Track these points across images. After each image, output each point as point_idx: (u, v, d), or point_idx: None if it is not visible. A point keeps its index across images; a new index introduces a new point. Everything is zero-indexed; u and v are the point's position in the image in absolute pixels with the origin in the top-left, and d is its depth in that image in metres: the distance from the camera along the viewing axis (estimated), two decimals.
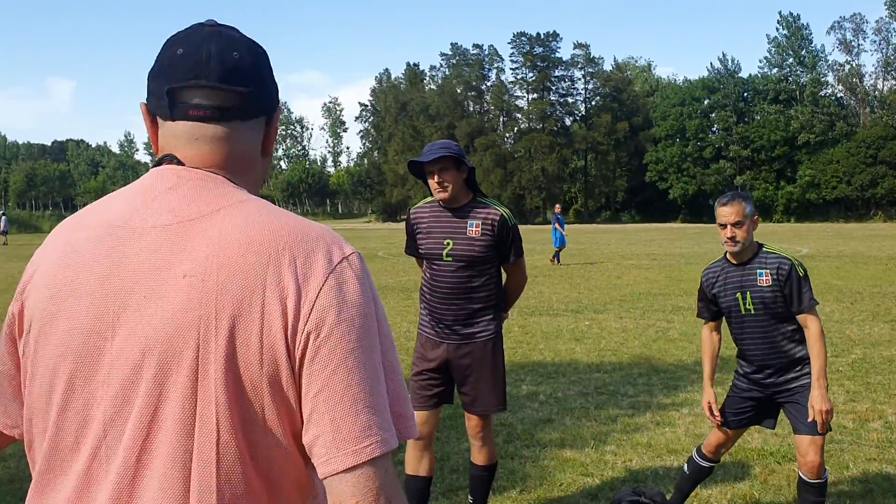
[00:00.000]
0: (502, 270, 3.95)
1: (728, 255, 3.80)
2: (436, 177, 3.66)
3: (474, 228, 3.73)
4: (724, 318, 3.92)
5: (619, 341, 9.17)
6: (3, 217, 43.16)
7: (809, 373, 3.66)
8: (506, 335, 3.97)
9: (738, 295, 3.72)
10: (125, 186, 1.16)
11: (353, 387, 1.00)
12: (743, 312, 3.73)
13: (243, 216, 1.06)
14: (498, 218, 3.75)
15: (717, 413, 3.89)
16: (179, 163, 1.13)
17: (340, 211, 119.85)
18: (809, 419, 3.60)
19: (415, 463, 3.88)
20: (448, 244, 3.74)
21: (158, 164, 1.15)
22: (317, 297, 1.01)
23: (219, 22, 1.17)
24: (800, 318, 3.67)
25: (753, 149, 76.70)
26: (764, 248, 3.76)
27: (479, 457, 3.95)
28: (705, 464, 4.03)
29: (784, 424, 5.56)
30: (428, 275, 3.88)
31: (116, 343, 1.03)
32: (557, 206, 24.01)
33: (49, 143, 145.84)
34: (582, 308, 12.12)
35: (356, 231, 55.49)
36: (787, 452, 4.96)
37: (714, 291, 3.83)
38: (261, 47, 1.18)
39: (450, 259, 3.74)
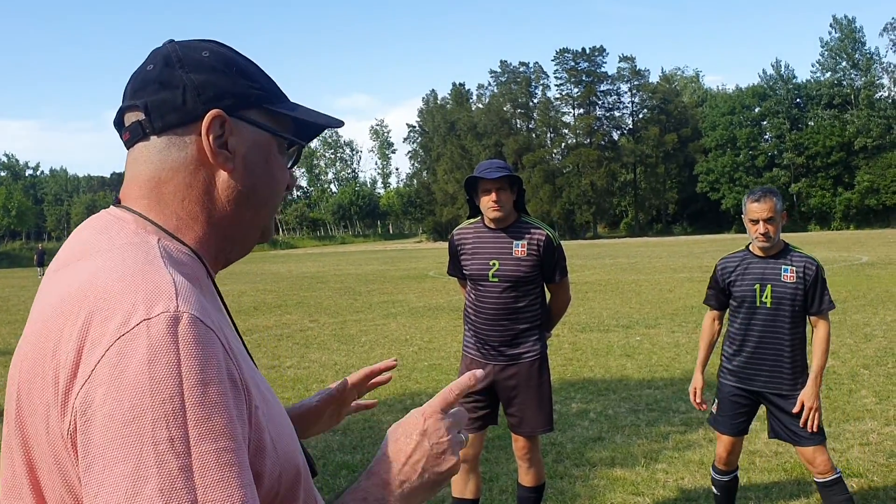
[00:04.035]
0: (545, 290, 3.96)
1: (752, 248, 3.82)
2: (494, 195, 3.69)
3: (520, 249, 3.75)
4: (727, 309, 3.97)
5: (671, 356, 9.04)
6: None
7: (803, 383, 3.70)
8: (556, 352, 3.99)
9: (757, 286, 3.73)
10: None
11: (107, 486, 0.77)
12: (758, 304, 3.74)
13: (84, 267, 0.93)
14: (543, 238, 3.77)
15: (700, 400, 4.04)
16: (118, 200, 1.04)
17: (391, 232, 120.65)
18: (796, 409, 3.65)
19: (461, 485, 3.90)
20: (494, 265, 3.77)
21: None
22: (93, 369, 0.81)
23: (178, 39, 1.07)
24: (813, 318, 3.74)
25: (808, 155, 75.09)
26: (790, 247, 3.79)
27: (526, 478, 3.94)
28: (725, 478, 4.05)
29: (842, 440, 5.44)
30: (473, 296, 3.90)
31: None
32: None
33: (108, 175, 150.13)
34: (633, 323, 11.99)
35: (406, 251, 55.78)
36: (844, 468, 4.83)
37: (729, 280, 3.85)
38: (184, 52, 1.03)
39: (496, 280, 3.77)
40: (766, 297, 3.70)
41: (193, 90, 1.00)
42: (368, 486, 0.98)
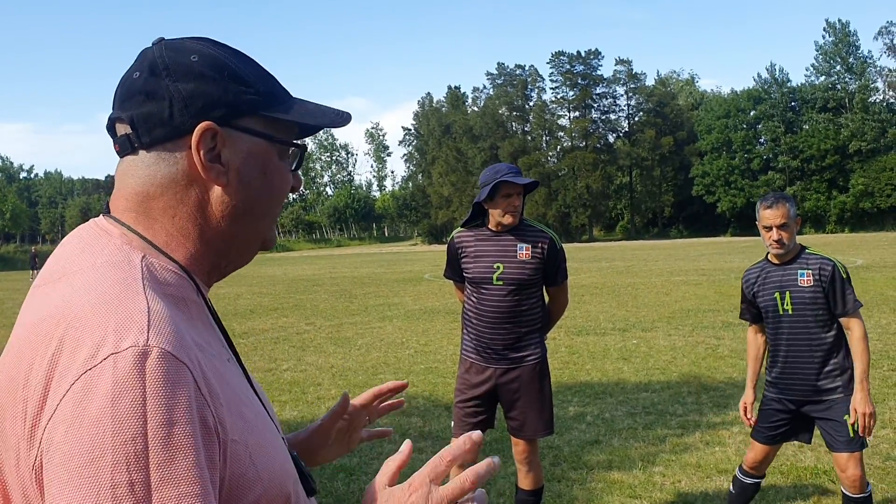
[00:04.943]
0: (544, 293, 3.97)
1: (770, 256, 3.77)
2: (515, 200, 3.73)
3: (524, 252, 3.77)
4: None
5: (667, 359, 9.06)
6: None
7: (842, 386, 3.63)
8: (552, 355, 3.99)
9: (777, 294, 3.69)
10: None
11: None
12: (780, 312, 3.70)
13: (63, 288, 0.89)
14: (547, 241, 3.80)
15: (751, 416, 3.93)
16: (108, 209, 1.00)
17: (386, 234, 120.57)
18: (851, 421, 3.57)
19: None
20: (498, 268, 3.77)
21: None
22: (58, 404, 0.78)
23: (166, 38, 1.00)
24: (843, 320, 3.65)
25: (803, 159, 75.26)
26: (806, 250, 3.73)
27: (525, 481, 3.95)
28: (749, 480, 4.00)
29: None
30: (475, 299, 3.89)
31: None
32: None
33: (103, 178, 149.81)
34: (629, 326, 12.00)
35: (402, 254, 55.74)
36: None
37: (753, 291, 3.81)
38: (171, 56, 0.96)
39: (500, 283, 3.77)
40: (787, 305, 3.65)
41: (181, 102, 0.93)
42: None
